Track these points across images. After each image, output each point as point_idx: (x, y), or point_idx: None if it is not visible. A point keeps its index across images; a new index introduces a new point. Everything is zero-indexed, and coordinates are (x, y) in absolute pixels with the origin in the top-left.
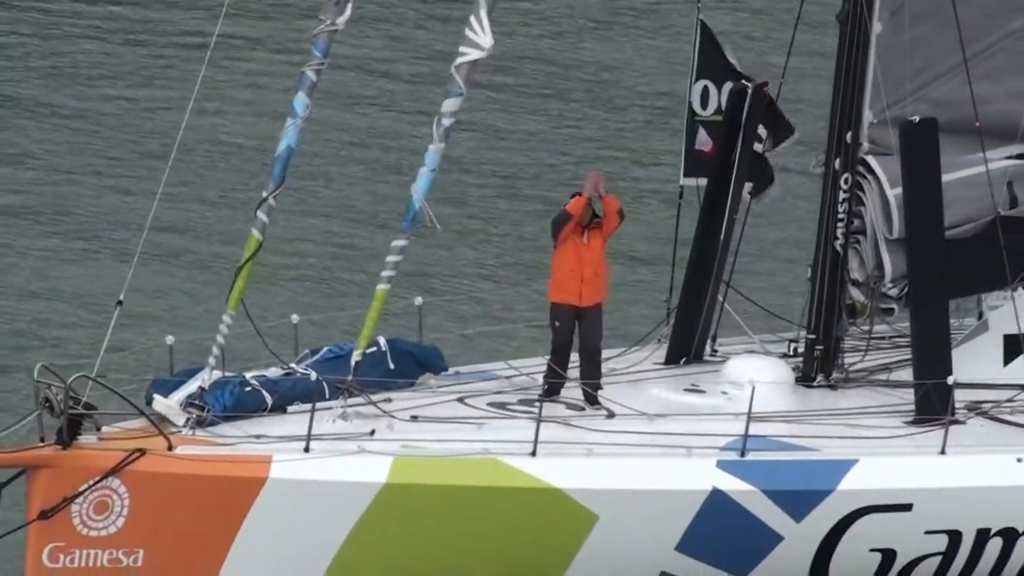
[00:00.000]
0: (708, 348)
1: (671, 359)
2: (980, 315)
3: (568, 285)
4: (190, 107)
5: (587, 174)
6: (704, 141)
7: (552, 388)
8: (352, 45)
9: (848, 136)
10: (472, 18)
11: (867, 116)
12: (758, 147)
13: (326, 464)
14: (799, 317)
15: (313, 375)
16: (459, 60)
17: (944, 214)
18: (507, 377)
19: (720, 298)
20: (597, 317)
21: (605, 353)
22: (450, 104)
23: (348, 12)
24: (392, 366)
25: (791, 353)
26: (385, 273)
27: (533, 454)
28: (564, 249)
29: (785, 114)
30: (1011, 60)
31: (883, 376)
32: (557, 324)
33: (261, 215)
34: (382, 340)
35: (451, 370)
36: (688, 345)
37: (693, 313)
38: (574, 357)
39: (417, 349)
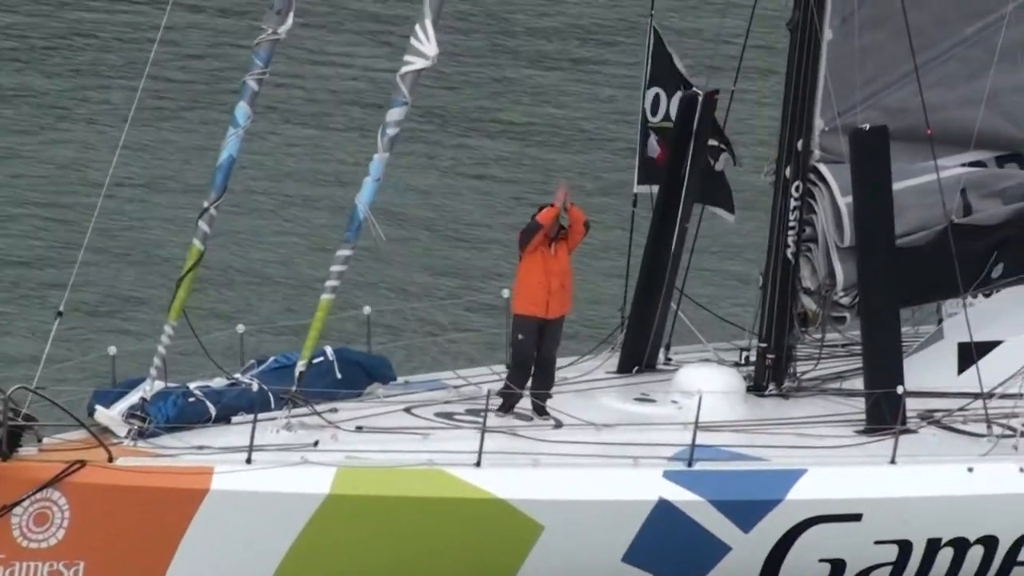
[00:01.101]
0: (662, 357)
1: (623, 368)
2: (940, 322)
3: (535, 297)
4: (129, 119)
5: (557, 185)
6: (654, 148)
7: (509, 403)
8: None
9: (799, 144)
10: (417, 27)
11: (818, 124)
12: (718, 165)
13: (268, 475)
14: (751, 325)
15: (255, 385)
16: (404, 69)
17: (897, 222)
18: (455, 387)
19: (674, 306)
20: (558, 329)
21: (558, 362)
22: (394, 114)
23: (290, 21)
24: (340, 376)
25: (742, 362)
26: (329, 283)
27: (478, 465)
28: (531, 260)
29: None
30: (964, 67)
31: (835, 385)
32: (520, 337)
33: (202, 225)
34: (329, 350)
35: (400, 379)
36: (640, 354)
37: (645, 321)
38: None
39: (365, 359)
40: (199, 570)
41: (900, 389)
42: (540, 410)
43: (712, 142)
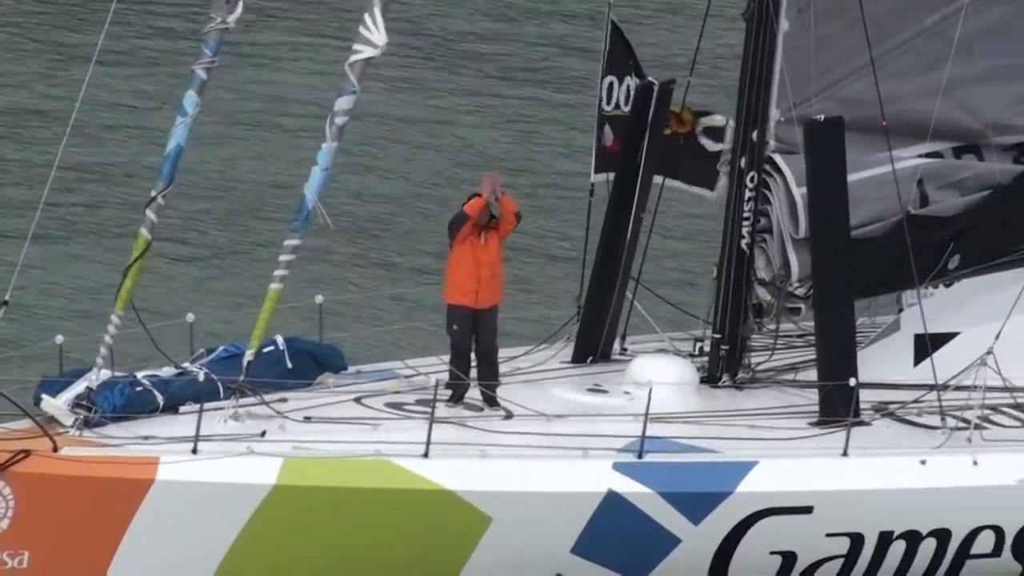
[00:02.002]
0: (617, 347)
1: (577, 358)
2: (901, 311)
3: (465, 286)
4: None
5: (484, 176)
6: (608, 136)
7: (458, 394)
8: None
9: (754, 134)
10: (366, 15)
11: (773, 114)
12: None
13: (214, 466)
14: (706, 315)
15: (201, 375)
16: (352, 58)
17: (853, 213)
18: (405, 377)
19: (629, 296)
20: (493, 319)
21: (512, 352)
22: (343, 102)
23: (239, 10)
24: (290, 365)
25: (697, 352)
26: (278, 272)
27: (425, 455)
28: (461, 250)
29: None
30: (921, 58)
31: (790, 376)
32: (455, 327)
33: (150, 214)
34: (280, 339)
35: (352, 369)
36: (595, 344)
37: (600, 311)
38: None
39: (316, 348)
40: (144, 560)
41: (852, 381)
42: (490, 400)
43: (711, 122)
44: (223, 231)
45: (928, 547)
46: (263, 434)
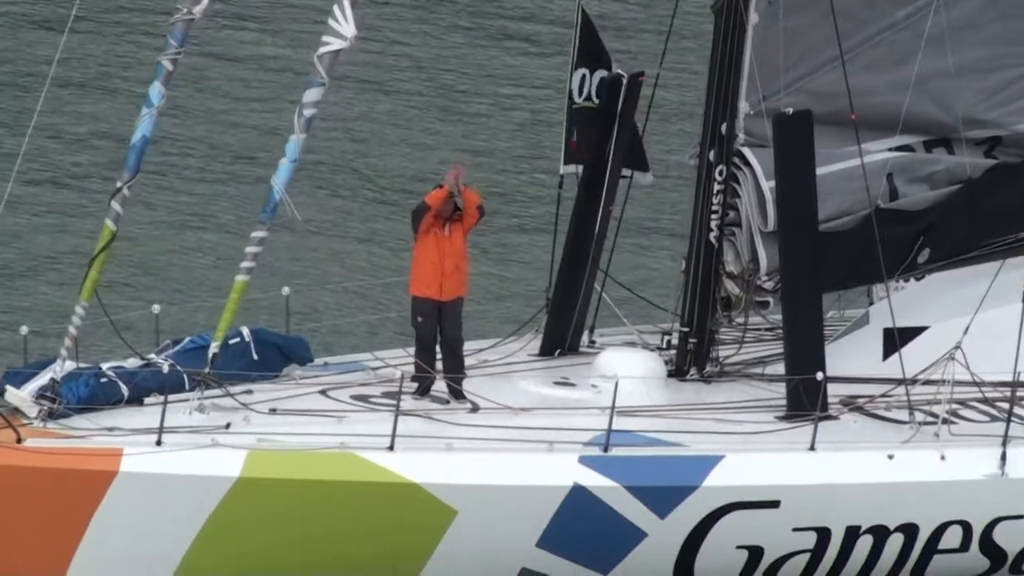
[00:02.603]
0: (586, 339)
1: (545, 351)
2: (871, 305)
3: (428, 278)
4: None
5: (449, 167)
6: (575, 129)
7: (425, 386)
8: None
9: (723, 128)
10: (335, 7)
11: (743, 107)
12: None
13: (178, 457)
14: (674, 309)
15: (166, 367)
16: (321, 50)
17: (822, 207)
18: (372, 369)
19: (597, 288)
20: (457, 311)
21: (480, 344)
22: (311, 94)
23: (205, 2)
24: (256, 357)
25: (664, 346)
26: (244, 264)
27: (391, 448)
28: (425, 241)
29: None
30: (893, 51)
31: (758, 370)
32: (420, 319)
33: (115, 205)
34: (246, 330)
35: (319, 361)
36: (563, 337)
37: (568, 304)
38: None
39: (282, 340)
40: (108, 552)
41: (819, 375)
42: (456, 393)
43: None
44: (191, 221)
45: (895, 542)
46: (228, 426)
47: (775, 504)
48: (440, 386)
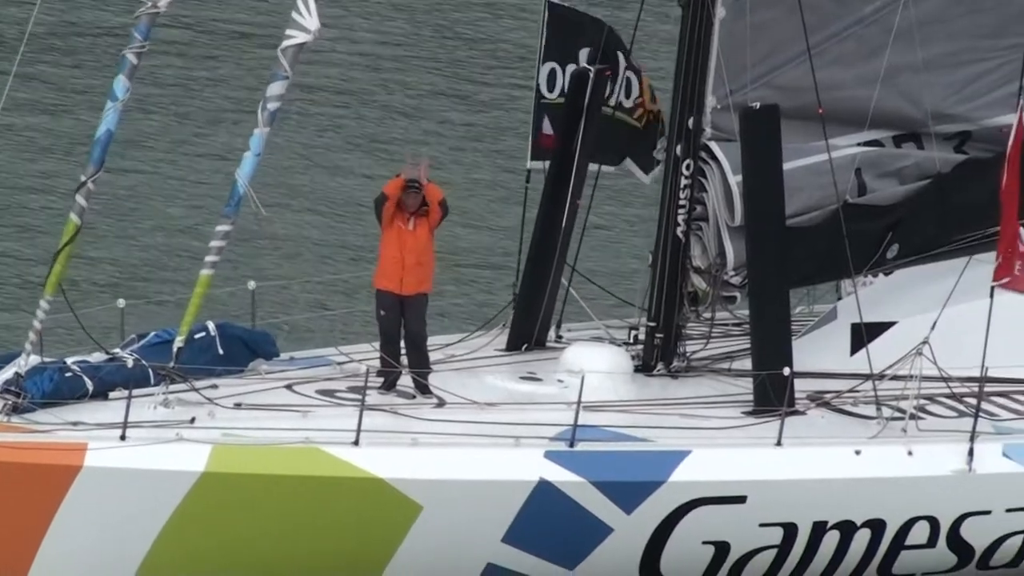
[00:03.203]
0: (553, 334)
1: (512, 346)
2: (840, 299)
3: (390, 272)
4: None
5: (408, 159)
6: (547, 125)
7: (390, 380)
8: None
9: (690, 122)
10: (299, 1)
11: (710, 102)
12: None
13: (142, 452)
14: (641, 303)
15: (130, 361)
16: (285, 43)
17: (790, 201)
18: (338, 364)
19: (565, 283)
20: (420, 306)
21: (447, 339)
22: (275, 88)
23: None
24: (221, 351)
25: (631, 341)
26: (208, 258)
27: (356, 443)
28: (388, 235)
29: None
30: (862, 46)
31: (725, 365)
32: (383, 313)
33: (80, 199)
34: (211, 325)
35: (285, 356)
36: (530, 331)
37: (535, 299)
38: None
39: (248, 334)
40: (72, 547)
41: (786, 370)
42: (422, 388)
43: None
44: (157, 216)
45: (862, 537)
46: (192, 421)
47: (741, 499)
48: (406, 381)
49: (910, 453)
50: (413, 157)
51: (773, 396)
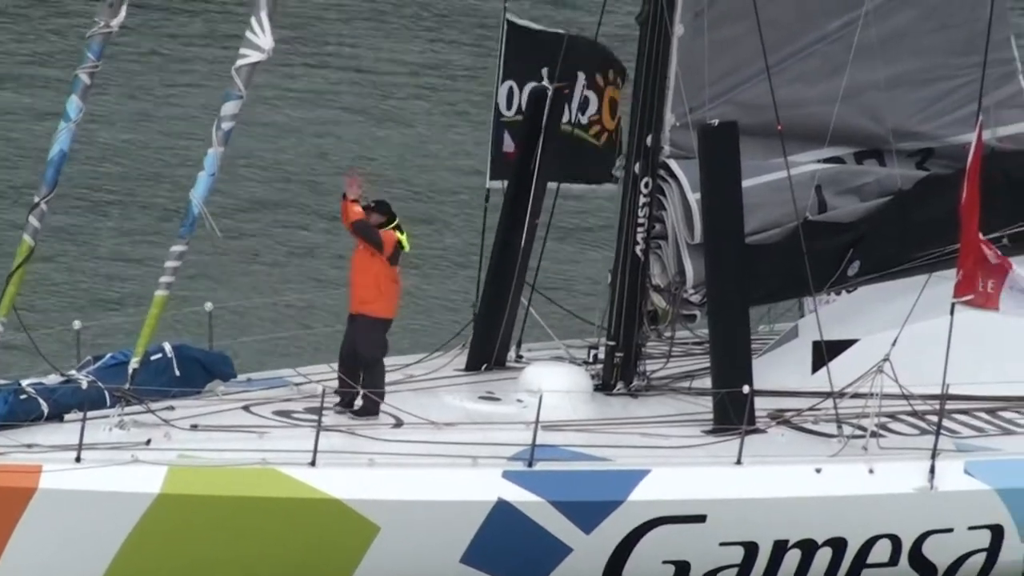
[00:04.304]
0: (513, 354)
1: (472, 365)
2: (802, 317)
3: (351, 292)
4: None
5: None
6: (509, 144)
7: (345, 401)
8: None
9: (649, 139)
10: (252, 19)
11: (668, 119)
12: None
13: (98, 474)
14: (600, 322)
15: (85, 383)
16: (239, 62)
17: (750, 219)
18: (296, 384)
19: (524, 302)
20: (366, 328)
21: (406, 359)
22: (229, 107)
23: (122, 14)
24: (178, 373)
25: (591, 360)
26: (164, 279)
27: (313, 464)
28: (355, 255)
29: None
30: (826, 63)
31: (685, 384)
32: (346, 329)
33: (33, 220)
34: (168, 346)
35: (243, 377)
36: (490, 351)
37: (495, 318)
38: None
39: (204, 355)
40: (27, 571)
41: (746, 389)
42: (365, 410)
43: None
44: (113, 236)
45: (824, 556)
46: (148, 442)
47: (701, 519)
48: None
49: (871, 471)
50: (350, 172)
51: (733, 414)
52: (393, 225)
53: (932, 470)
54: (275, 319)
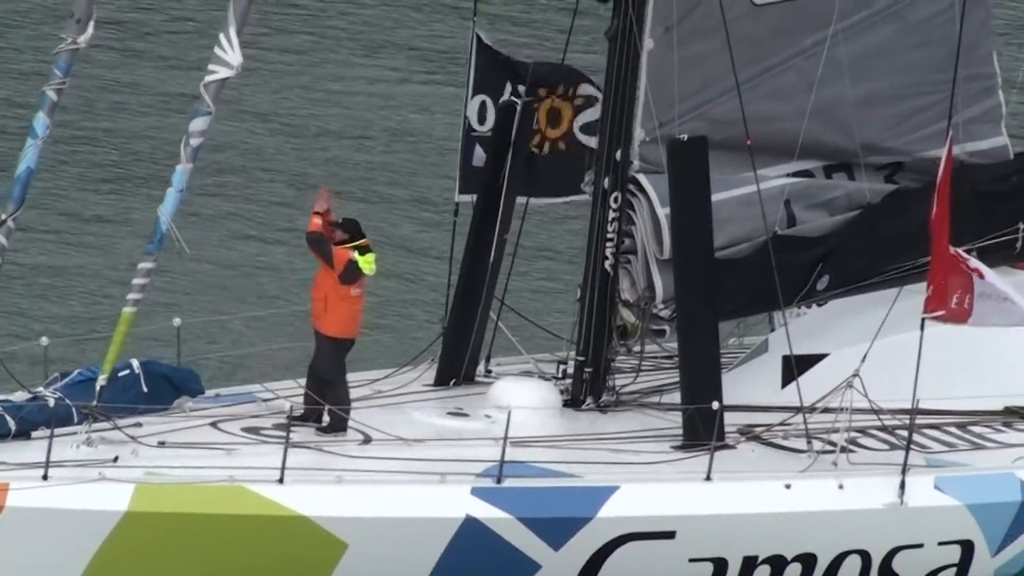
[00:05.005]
0: (482, 369)
1: (440, 381)
2: (772, 331)
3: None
4: None
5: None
6: (480, 157)
7: (306, 414)
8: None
9: (618, 154)
10: (221, 36)
11: (638, 134)
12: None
13: (65, 492)
14: (570, 337)
15: (52, 400)
16: (208, 79)
17: (720, 233)
18: (264, 401)
19: (493, 317)
20: (323, 346)
21: (374, 374)
22: (198, 124)
23: (90, 31)
24: (146, 389)
25: (560, 375)
26: (131, 296)
27: (280, 481)
28: (318, 272)
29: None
30: (802, 79)
31: (655, 399)
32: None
33: (0, 238)
34: (136, 362)
35: (211, 393)
36: (458, 366)
37: (463, 333)
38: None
39: (172, 372)
40: None
41: (715, 404)
42: (330, 427)
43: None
44: (80, 253)
45: (793, 572)
46: (115, 459)
47: (671, 535)
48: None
49: (841, 487)
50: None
51: (702, 430)
52: (355, 245)
53: (902, 485)
54: (243, 334)
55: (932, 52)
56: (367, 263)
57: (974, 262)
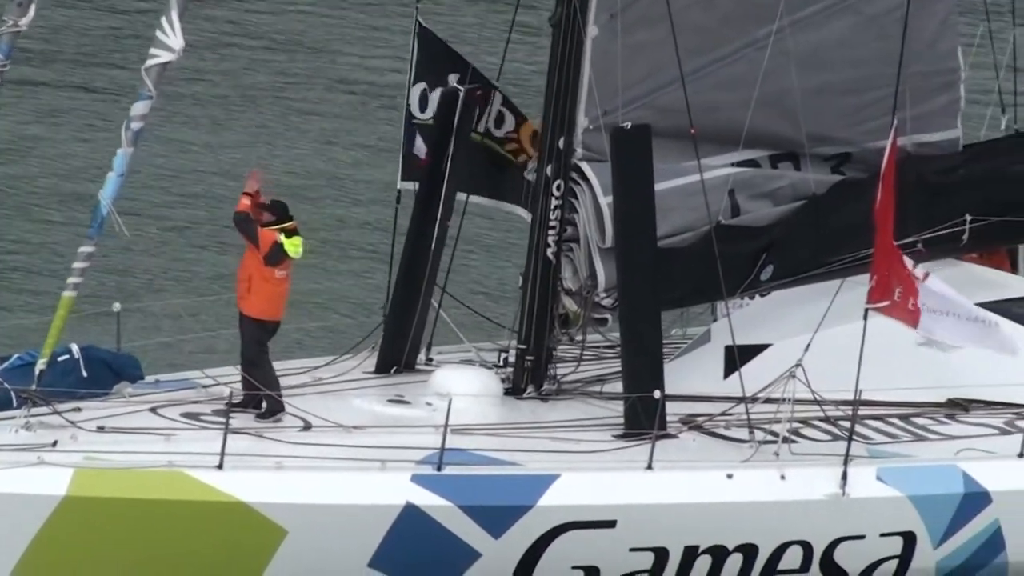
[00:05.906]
0: (423, 357)
1: (381, 368)
2: (715, 321)
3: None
4: None
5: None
6: (420, 147)
7: (244, 400)
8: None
9: (561, 142)
10: (163, 19)
11: (581, 122)
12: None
13: (3, 476)
14: (512, 325)
15: None
16: (149, 63)
17: (663, 222)
18: (204, 387)
19: (435, 304)
20: (247, 329)
21: (315, 361)
22: (139, 108)
23: (31, 13)
24: (85, 374)
25: (502, 363)
26: (71, 280)
27: (220, 467)
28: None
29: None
30: (752, 69)
31: (596, 388)
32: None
33: None
34: (75, 347)
35: (151, 378)
36: (399, 354)
37: (404, 321)
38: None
39: (112, 357)
40: None
41: (657, 393)
42: (267, 411)
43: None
44: (19, 236)
45: (735, 562)
46: (54, 444)
47: (611, 524)
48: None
49: (783, 477)
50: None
51: (644, 419)
52: (282, 228)
53: (844, 476)
54: (183, 320)
55: (888, 46)
56: (293, 246)
57: (919, 269)
